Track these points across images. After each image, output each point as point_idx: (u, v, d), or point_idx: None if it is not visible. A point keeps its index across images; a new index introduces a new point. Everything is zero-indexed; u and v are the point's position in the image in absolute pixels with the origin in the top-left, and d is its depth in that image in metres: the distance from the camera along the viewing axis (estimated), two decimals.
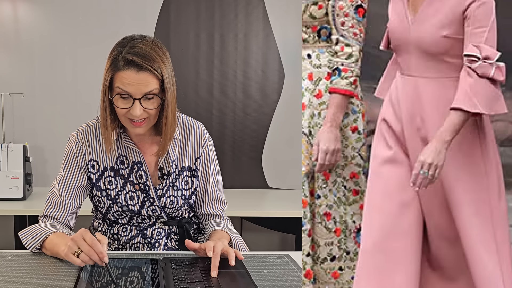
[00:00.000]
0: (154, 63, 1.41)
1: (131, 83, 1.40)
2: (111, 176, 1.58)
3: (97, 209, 1.66)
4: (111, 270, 1.29)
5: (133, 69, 1.40)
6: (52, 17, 3.13)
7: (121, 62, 1.41)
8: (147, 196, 1.58)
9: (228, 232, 1.55)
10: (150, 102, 1.44)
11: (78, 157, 1.58)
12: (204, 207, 1.67)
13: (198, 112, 3.24)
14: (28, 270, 1.34)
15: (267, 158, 3.37)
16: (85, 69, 3.14)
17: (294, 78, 3.32)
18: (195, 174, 1.63)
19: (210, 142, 1.66)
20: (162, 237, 1.62)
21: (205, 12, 3.21)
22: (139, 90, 1.41)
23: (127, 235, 1.62)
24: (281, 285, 1.29)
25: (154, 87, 1.42)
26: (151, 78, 1.41)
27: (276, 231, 3.42)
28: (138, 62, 1.40)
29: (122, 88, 1.41)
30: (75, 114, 3.12)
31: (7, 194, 2.75)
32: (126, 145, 1.57)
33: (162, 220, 1.62)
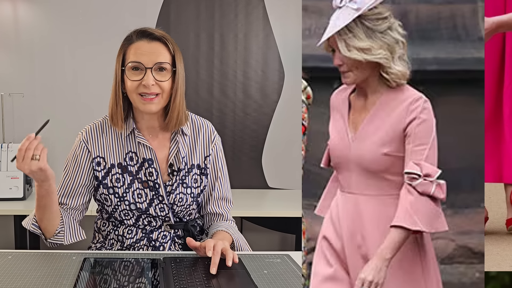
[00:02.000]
0: (167, 37, 1.50)
1: (143, 52, 1.46)
2: (118, 173, 1.57)
3: (103, 207, 1.64)
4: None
5: (145, 39, 1.48)
6: (52, 17, 3.13)
7: (134, 36, 1.49)
8: (156, 193, 1.57)
9: (231, 233, 1.55)
10: (162, 74, 1.48)
11: (79, 157, 1.58)
12: (210, 206, 1.67)
13: (198, 112, 3.19)
14: (28, 270, 1.34)
15: (267, 158, 3.37)
16: (85, 69, 3.14)
17: (294, 78, 3.32)
18: (204, 173, 1.63)
19: (218, 140, 1.67)
20: (167, 240, 1.61)
21: (205, 12, 3.21)
22: (150, 59, 1.46)
23: (132, 237, 1.60)
24: (281, 285, 1.29)
25: (166, 59, 1.48)
26: (163, 49, 1.48)
27: (276, 231, 3.42)
28: (150, 32, 1.49)
29: (134, 59, 1.46)
30: (75, 114, 3.12)
31: (7, 194, 2.75)
32: (137, 141, 1.57)
33: (168, 223, 1.62)
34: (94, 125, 1.60)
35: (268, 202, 3.18)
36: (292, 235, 3.37)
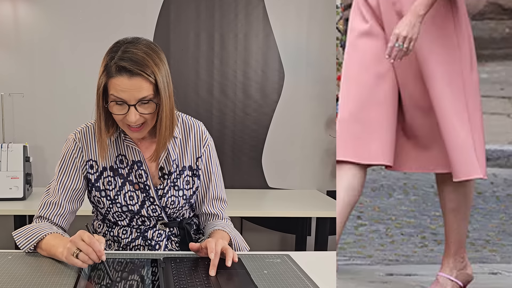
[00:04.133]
0: (147, 68, 1.39)
1: (124, 89, 1.39)
2: (110, 176, 1.57)
3: (97, 209, 1.65)
4: (108, 267, 1.29)
5: (125, 75, 1.38)
6: (52, 17, 3.13)
7: (113, 69, 1.39)
8: (147, 195, 1.57)
9: (228, 232, 1.55)
10: (146, 107, 1.42)
11: (76, 158, 1.57)
12: (205, 206, 1.67)
13: (198, 112, 3.24)
14: (28, 270, 1.34)
15: (267, 158, 3.37)
16: (85, 69, 3.13)
17: (294, 78, 3.32)
18: (196, 174, 1.63)
19: (210, 141, 1.66)
20: (162, 239, 1.62)
21: (205, 12, 3.21)
22: (133, 96, 1.39)
23: (127, 237, 1.61)
24: (281, 285, 1.29)
25: (148, 93, 1.40)
26: (144, 83, 1.39)
27: (276, 231, 3.42)
28: (130, 68, 1.37)
29: (116, 95, 1.40)
30: (75, 114, 3.12)
31: (7, 194, 2.75)
32: (126, 144, 1.57)
33: (162, 221, 1.62)
34: (87, 128, 1.59)
35: (268, 202, 3.18)
36: (292, 235, 3.37)
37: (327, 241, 2.93)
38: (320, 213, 2.87)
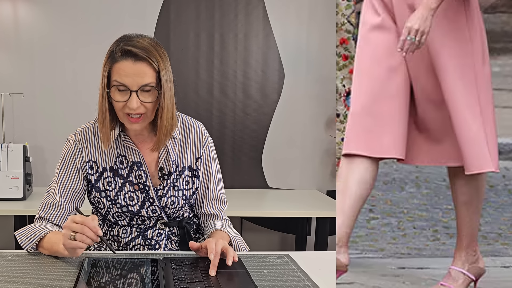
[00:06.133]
0: (152, 54, 1.42)
1: (128, 74, 1.41)
2: (110, 176, 1.57)
3: (97, 210, 1.65)
4: (107, 242, 1.30)
5: (130, 59, 1.41)
6: (52, 17, 3.13)
7: (118, 54, 1.42)
8: (146, 196, 1.58)
9: (228, 232, 1.55)
10: (147, 95, 1.44)
11: (76, 159, 1.57)
12: (204, 207, 1.67)
13: (198, 112, 3.24)
14: (28, 270, 1.34)
15: (267, 158, 3.37)
16: (85, 69, 3.14)
17: (294, 78, 3.32)
18: (196, 174, 1.63)
19: (210, 141, 1.66)
20: (162, 238, 1.62)
21: (205, 12, 3.21)
22: (135, 82, 1.41)
23: (127, 236, 1.62)
24: (281, 285, 1.29)
25: (150, 80, 1.42)
26: (147, 70, 1.42)
27: (276, 231, 3.42)
28: (135, 52, 1.41)
29: (119, 80, 1.42)
30: (75, 114, 3.12)
31: (7, 194, 2.75)
32: (125, 145, 1.57)
33: (162, 221, 1.62)
34: (86, 128, 1.60)
35: (268, 202, 3.18)
36: (292, 235, 3.37)
37: (327, 241, 2.93)
38: (320, 213, 2.87)
